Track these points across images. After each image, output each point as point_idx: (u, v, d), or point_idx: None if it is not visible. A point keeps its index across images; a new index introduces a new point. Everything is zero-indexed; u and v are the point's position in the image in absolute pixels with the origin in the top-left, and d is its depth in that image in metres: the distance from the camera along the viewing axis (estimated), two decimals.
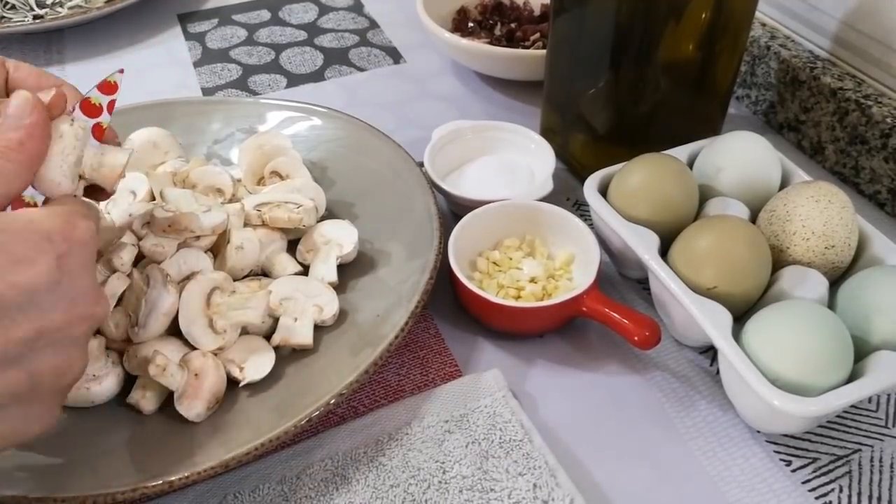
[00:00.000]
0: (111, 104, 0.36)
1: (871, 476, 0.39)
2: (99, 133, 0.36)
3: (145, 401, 0.39)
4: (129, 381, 0.40)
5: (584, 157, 0.56)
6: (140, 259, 0.43)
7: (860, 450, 0.40)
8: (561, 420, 0.41)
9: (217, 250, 0.45)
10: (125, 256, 0.41)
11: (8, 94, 0.37)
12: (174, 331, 0.41)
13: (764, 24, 0.63)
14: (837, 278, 0.43)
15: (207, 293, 0.41)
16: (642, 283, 0.49)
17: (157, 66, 0.71)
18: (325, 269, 0.45)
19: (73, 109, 0.35)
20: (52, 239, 0.28)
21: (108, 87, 0.36)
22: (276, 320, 0.43)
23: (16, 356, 0.26)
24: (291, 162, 0.51)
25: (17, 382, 0.26)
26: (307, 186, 0.49)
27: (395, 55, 0.73)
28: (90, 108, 0.35)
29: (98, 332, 0.39)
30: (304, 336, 0.42)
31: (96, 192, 0.37)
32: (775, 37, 0.61)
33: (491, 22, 0.71)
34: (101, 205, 0.49)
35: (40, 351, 0.27)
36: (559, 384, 0.43)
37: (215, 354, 0.40)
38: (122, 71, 0.36)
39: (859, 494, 0.38)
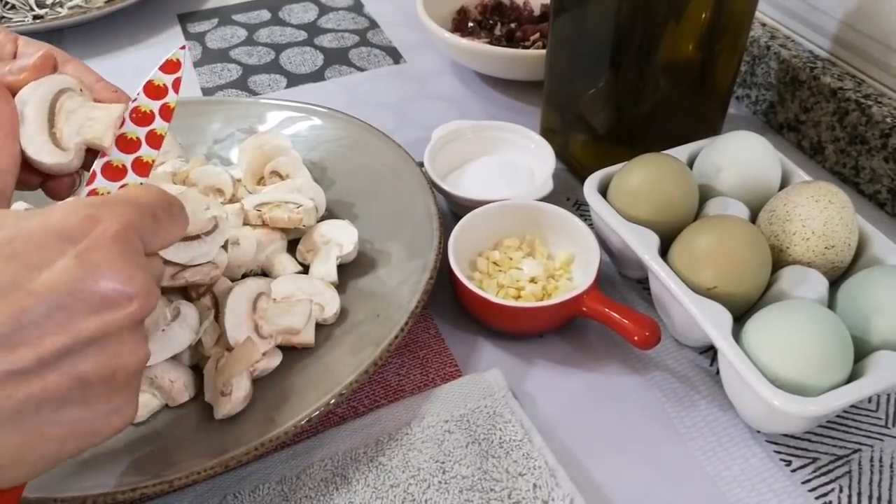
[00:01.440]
0: (176, 83, 0.35)
1: (871, 476, 0.39)
2: (167, 114, 0.34)
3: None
4: None
5: (584, 157, 0.56)
6: None
7: (860, 450, 0.40)
8: (561, 420, 0.41)
9: None
10: None
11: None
12: None
13: (764, 24, 0.63)
14: (837, 278, 0.43)
15: (253, 299, 0.41)
16: (642, 283, 0.49)
17: (158, 66, 0.71)
18: (326, 269, 0.45)
19: (137, 96, 0.34)
20: (71, 237, 0.26)
21: (171, 66, 0.35)
22: None
23: (53, 360, 0.25)
24: (291, 162, 0.51)
25: (58, 385, 0.25)
26: (307, 186, 0.49)
27: (395, 55, 0.73)
28: (154, 91, 0.34)
29: None
30: (307, 335, 0.42)
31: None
32: (775, 37, 0.61)
33: (491, 22, 0.71)
34: None
35: (80, 352, 0.26)
36: (559, 384, 0.43)
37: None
38: (184, 48, 0.35)
39: (859, 494, 0.38)
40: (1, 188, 0.31)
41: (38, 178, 0.35)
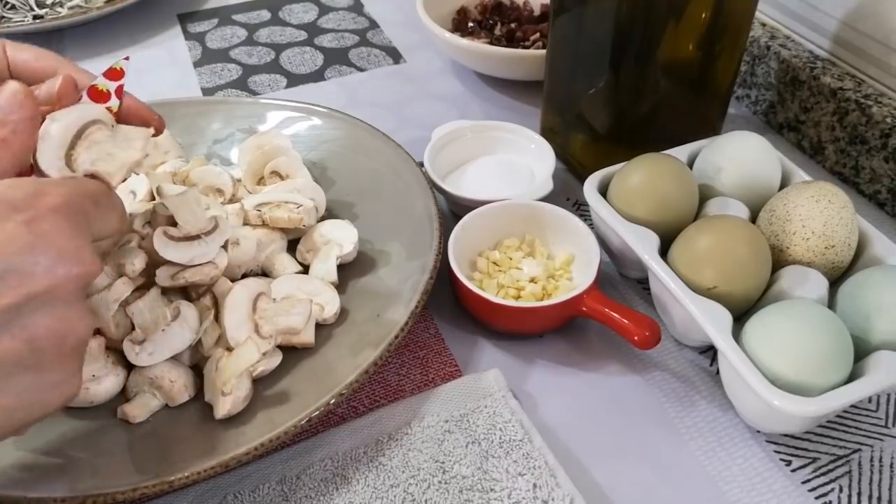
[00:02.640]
0: (119, 89, 0.37)
1: (871, 476, 0.39)
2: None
3: (137, 412, 0.39)
4: None
5: (584, 157, 0.56)
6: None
7: (860, 450, 0.40)
8: (561, 420, 0.41)
9: None
10: (137, 263, 0.40)
11: (12, 77, 0.37)
12: None
13: (764, 24, 0.63)
14: (837, 278, 0.43)
15: (254, 299, 0.41)
16: (642, 283, 0.49)
17: (157, 66, 0.71)
18: (326, 269, 0.45)
19: (81, 97, 0.35)
20: (17, 206, 0.27)
21: (113, 73, 0.37)
22: None
23: (4, 322, 0.26)
24: (291, 162, 0.51)
25: (11, 349, 0.26)
26: (307, 186, 0.49)
27: (395, 55, 0.73)
28: (97, 94, 0.36)
29: (98, 332, 0.39)
30: (307, 335, 0.42)
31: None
32: (775, 37, 0.61)
33: (491, 22, 0.71)
34: None
35: (30, 315, 0.26)
36: (559, 384, 0.43)
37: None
38: (127, 59, 0.37)
39: (859, 494, 0.38)
40: None
41: None
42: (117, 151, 0.36)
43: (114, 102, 0.37)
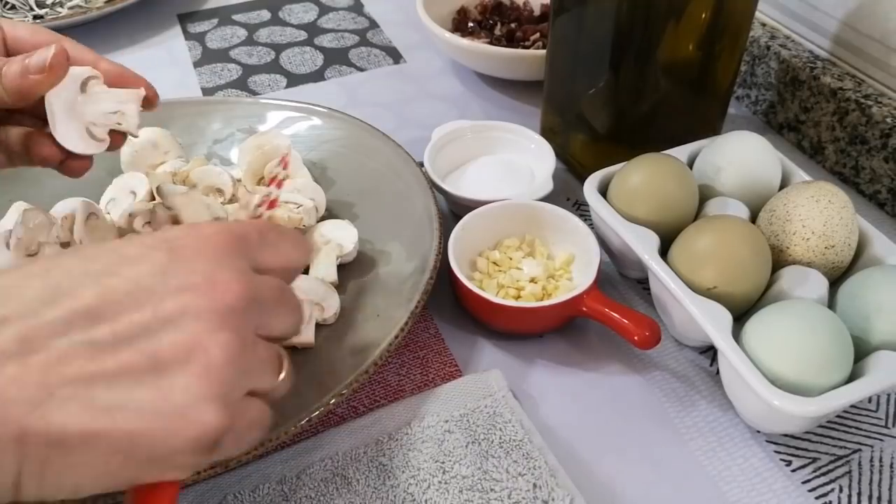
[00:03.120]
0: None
1: (871, 476, 0.39)
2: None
3: None
4: None
5: (584, 157, 0.56)
6: None
7: (860, 450, 0.40)
8: (561, 420, 0.41)
9: None
10: None
11: (9, 54, 0.38)
12: None
13: (764, 24, 0.63)
14: (837, 278, 0.43)
15: None
16: (642, 283, 0.49)
17: (157, 66, 0.71)
18: (326, 269, 0.45)
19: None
20: (171, 238, 0.27)
21: None
22: None
23: (129, 338, 0.25)
24: (291, 162, 0.51)
25: (132, 364, 0.25)
26: (307, 186, 0.49)
27: (395, 55, 0.73)
28: None
29: None
30: (307, 335, 0.42)
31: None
32: (775, 37, 0.61)
33: (491, 22, 0.71)
34: (101, 204, 0.49)
35: (156, 333, 0.25)
36: (559, 384, 0.43)
37: None
38: None
39: (859, 494, 0.38)
40: None
41: (61, 156, 0.38)
42: (120, 101, 0.38)
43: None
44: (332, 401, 0.37)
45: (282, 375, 0.29)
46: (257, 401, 0.28)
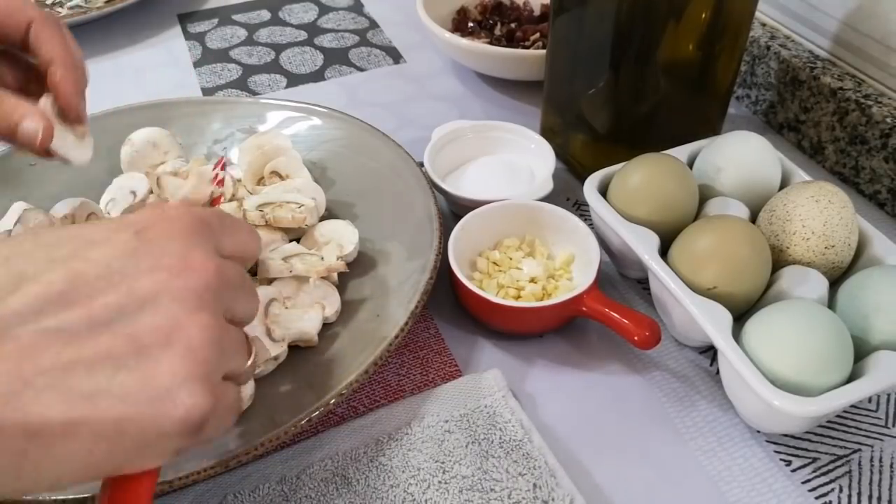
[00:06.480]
0: None
1: (871, 476, 0.39)
2: None
3: None
4: None
5: (584, 157, 0.56)
6: None
7: (860, 450, 0.40)
8: (561, 420, 0.41)
9: None
10: None
11: (26, 48, 0.39)
12: None
13: (764, 24, 0.63)
14: (837, 278, 0.43)
15: (266, 304, 0.41)
16: (642, 283, 0.49)
17: (157, 66, 0.71)
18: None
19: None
20: (134, 221, 0.27)
21: None
22: None
23: (106, 321, 0.24)
24: (291, 162, 0.51)
25: (111, 348, 0.24)
26: (307, 186, 0.49)
27: (395, 55, 0.73)
28: None
29: None
30: (309, 333, 0.42)
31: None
32: (775, 37, 0.61)
33: (491, 22, 0.71)
34: (101, 204, 0.49)
35: (134, 314, 0.25)
36: (559, 384, 0.43)
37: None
38: None
39: (859, 494, 0.38)
40: None
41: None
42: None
43: None
44: (332, 401, 0.37)
45: (249, 360, 0.29)
46: (231, 384, 0.28)
